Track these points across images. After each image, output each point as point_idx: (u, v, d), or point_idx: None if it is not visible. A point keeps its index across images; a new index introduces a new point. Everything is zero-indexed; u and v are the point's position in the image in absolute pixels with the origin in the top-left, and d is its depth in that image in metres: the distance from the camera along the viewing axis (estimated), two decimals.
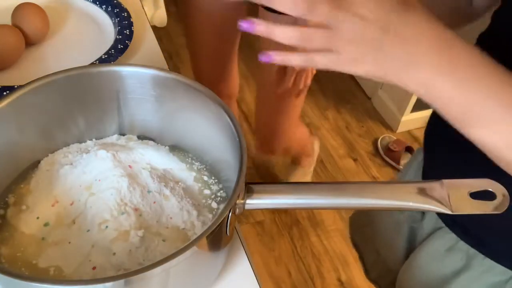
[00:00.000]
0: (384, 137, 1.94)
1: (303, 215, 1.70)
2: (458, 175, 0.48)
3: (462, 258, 0.64)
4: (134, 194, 0.52)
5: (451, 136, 0.63)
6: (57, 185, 0.54)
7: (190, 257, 0.42)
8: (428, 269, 0.68)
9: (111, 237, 0.49)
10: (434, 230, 0.67)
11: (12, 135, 0.53)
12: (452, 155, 0.62)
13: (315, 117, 2.05)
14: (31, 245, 0.50)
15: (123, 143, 0.61)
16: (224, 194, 0.57)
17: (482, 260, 0.62)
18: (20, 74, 0.76)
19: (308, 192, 0.49)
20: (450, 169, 0.63)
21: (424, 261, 0.68)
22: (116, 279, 0.39)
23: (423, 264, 0.68)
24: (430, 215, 0.68)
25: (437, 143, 0.66)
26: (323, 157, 1.90)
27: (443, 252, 0.65)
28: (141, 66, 0.57)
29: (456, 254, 0.64)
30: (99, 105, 0.59)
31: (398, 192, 0.48)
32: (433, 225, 0.67)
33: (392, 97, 2.01)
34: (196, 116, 0.57)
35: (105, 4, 0.88)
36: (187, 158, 0.61)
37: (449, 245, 0.65)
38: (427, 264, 0.68)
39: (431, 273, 0.68)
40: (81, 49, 0.82)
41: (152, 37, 0.86)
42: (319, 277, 1.54)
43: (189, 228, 0.52)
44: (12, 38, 0.75)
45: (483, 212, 0.46)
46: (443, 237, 0.65)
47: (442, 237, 0.66)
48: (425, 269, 0.68)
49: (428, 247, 0.68)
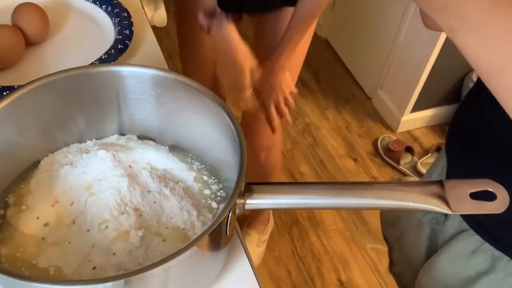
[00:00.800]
0: (384, 137, 1.94)
1: (303, 215, 1.70)
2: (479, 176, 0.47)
3: (487, 260, 0.63)
4: (134, 194, 0.52)
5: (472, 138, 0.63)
6: (57, 185, 0.54)
7: (190, 257, 0.42)
8: (450, 270, 0.68)
9: (111, 237, 0.49)
10: (458, 232, 0.67)
11: (12, 135, 0.53)
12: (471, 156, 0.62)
13: (315, 117, 2.05)
14: (31, 245, 0.50)
15: (123, 143, 0.61)
16: (224, 194, 0.57)
17: (507, 262, 0.61)
18: (20, 74, 0.76)
19: (308, 192, 0.49)
20: (471, 171, 0.63)
21: (446, 262, 0.68)
22: (116, 279, 0.39)
23: (446, 265, 0.68)
24: (454, 217, 0.68)
25: (458, 145, 0.66)
26: (323, 157, 1.90)
27: (468, 254, 0.65)
28: (141, 66, 0.56)
29: (481, 256, 0.64)
30: (99, 105, 0.59)
31: (398, 192, 0.48)
32: (456, 227, 0.67)
33: (392, 97, 2.01)
34: (196, 116, 0.57)
35: (105, 4, 0.88)
36: (187, 158, 0.61)
37: (474, 247, 0.64)
38: (450, 265, 0.68)
39: (453, 274, 0.67)
40: (81, 49, 0.82)
41: (152, 37, 0.86)
42: (319, 277, 1.54)
43: (189, 228, 0.52)
44: (12, 38, 0.75)
45: (483, 212, 0.45)
46: (467, 239, 0.65)
47: (467, 239, 0.65)
48: (447, 270, 0.68)
49: (451, 249, 0.67)
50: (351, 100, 2.14)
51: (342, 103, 2.12)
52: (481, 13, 0.34)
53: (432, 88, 1.86)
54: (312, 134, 1.98)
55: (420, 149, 1.95)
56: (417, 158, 1.88)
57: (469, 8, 0.34)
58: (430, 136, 2.02)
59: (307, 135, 1.98)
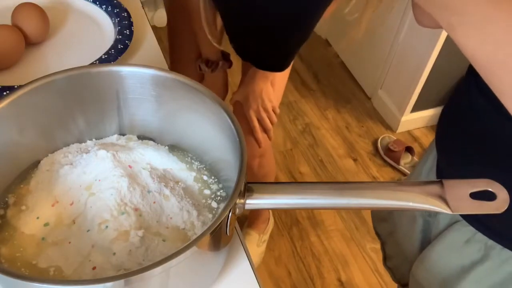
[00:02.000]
0: (384, 137, 1.94)
1: (303, 215, 1.70)
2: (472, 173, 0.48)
3: (480, 249, 0.64)
4: (134, 194, 0.52)
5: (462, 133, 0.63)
6: (57, 185, 0.54)
7: (190, 257, 0.42)
8: (444, 260, 0.69)
9: (111, 237, 0.49)
10: (451, 223, 0.68)
11: (12, 135, 0.53)
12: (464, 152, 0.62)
13: (315, 117, 2.05)
14: (31, 245, 0.50)
15: (123, 143, 0.61)
16: (224, 194, 0.57)
17: (500, 250, 0.62)
18: (20, 74, 0.76)
19: (308, 192, 0.49)
20: (463, 168, 0.63)
21: (440, 253, 0.69)
22: (116, 279, 0.39)
23: (440, 256, 0.69)
24: None
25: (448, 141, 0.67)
26: (323, 157, 1.90)
27: (461, 244, 0.66)
28: (141, 66, 0.56)
29: (474, 245, 0.64)
30: (99, 105, 0.59)
31: (398, 192, 0.48)
32: (449, 219, 0.68)
33: (392, 97, 2.01)
34: (196, 116, 0.57)
35: (105, 4, 0.88)
36: (186, 158, 0.61)
37: (467, 237, 0.65)
38: (444, 256, 0.69)
39: (448, 264, 0.68)
40: (81, 49, 0.82)
41: (152, 37, 0.86)
42: (319, 277, 1.54)
43: (189, 228, 0.52)
44: (12, 38, 0.75)
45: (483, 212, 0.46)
46: (460, 230, 0.66)
47: (460, 229, 0.66)
48: (441, 260, 0.69)
49: (445, 240, 0.68)
50: (351, 100, 2.14)
51: (342, 103, 2.12)
52: (481, 10, 0.34)
53: (432, 88, 1.86)
54: (312, 134, 1.98)
55: (420, 149, 1.95)
56: (417, 158, 1.88)
57: (469, 5, 0.35)
58: (430, 136, 2.02)
59: (307, 135, 1.98)
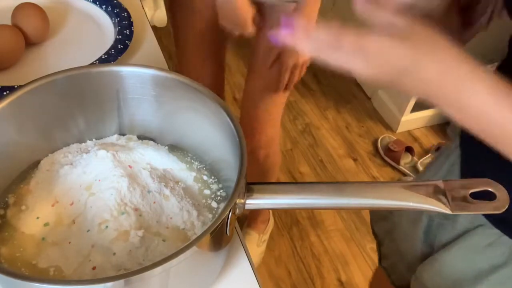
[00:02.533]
0: (384, 137, 1.94)
1: (303, 215, 1.70)
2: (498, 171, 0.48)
3: (504, 253, 0.62)
4: (134, 194, 0.52)
5: None
6: (57, 185, 0.54)
7: (190, 257, 0.42)
8: (461, 264, 0.67)
9: (111, 237, 0.49)
10: (472, 227, 0.66)
11: (12, 135, 0.53)
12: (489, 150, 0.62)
13: (315, 117, 2.05)
14: (31, 245, 0.50)
15: (123, 143, 0.61)
16: (224, 194, 0.57)
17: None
18: (20, 74, 0.76)
19: (308, 192, 0.49)
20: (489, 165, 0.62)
21: (458, 256, 0.67)
22: (116, 279, 0.39)
23: (456, 260, 0.67)
24: None
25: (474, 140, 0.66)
26: (323, 157, 1.90)
27: (482, 248, 0.64)
28: (141, 66, 0.57)
29: (498, 248, 0.63)
30: (99, 105, 0.59)
31: (398, 192, 0.48)
32: (470, 222, 0.66)
33: (392, 97, 2.01)
34: (196, 116, 0.57)
35: (105, 4, 0.88)
36: (186, 158, 0.61)
37: (490, 240, 0.64)
38: (461, 259, 0.67)
39: (463, 268, 0.67)
40: (81, 49, 0.82)
41: (152, 37, 0.86)
42: (319, 277, 1.54)
43: (189, 228, 0.52)
44: (12, 38, 0.75)
45: (483, 212, 0.46)
46: (483, 233, 0.64)
47: (482, 233, 0.64)
48: (457, 264, 0.67)
49: (464, 243, 0.66)
50: (351, 100, 2.14)
51: (342, 103, 2.12)
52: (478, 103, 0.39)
53: None
54: (312, 134, 1.98)
55: (420, 149, 1.95)
56: (417, 158, 1.88)
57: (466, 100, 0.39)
58: (430, 136, 2.02)
59: (307, 135, 1.98)
